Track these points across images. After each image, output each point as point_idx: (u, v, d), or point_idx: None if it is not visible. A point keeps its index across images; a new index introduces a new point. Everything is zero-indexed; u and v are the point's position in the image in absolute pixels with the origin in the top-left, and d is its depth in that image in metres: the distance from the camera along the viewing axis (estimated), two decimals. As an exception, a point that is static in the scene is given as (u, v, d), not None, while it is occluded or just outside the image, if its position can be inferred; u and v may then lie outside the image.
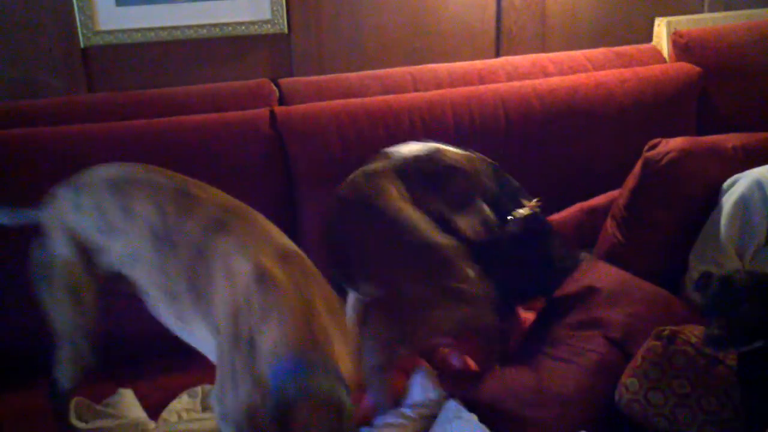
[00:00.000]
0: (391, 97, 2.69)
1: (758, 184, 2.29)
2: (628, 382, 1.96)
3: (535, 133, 2.72)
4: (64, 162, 2.41)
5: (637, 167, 2.53)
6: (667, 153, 2.47)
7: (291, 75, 2.87)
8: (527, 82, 2.79)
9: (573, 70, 2.91)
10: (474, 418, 1.96)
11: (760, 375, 1.75)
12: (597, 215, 2.67)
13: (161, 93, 2.66)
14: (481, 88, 2.74)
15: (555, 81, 2.81)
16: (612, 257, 2.53)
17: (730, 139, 2.55)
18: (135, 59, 2.76)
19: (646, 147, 2.54)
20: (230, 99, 2.65)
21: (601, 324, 2.15)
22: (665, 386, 1.91)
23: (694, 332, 1.97)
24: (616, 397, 1.99)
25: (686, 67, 2.92)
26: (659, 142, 2.53)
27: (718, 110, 2.95)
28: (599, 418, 1.99)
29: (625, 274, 2.34)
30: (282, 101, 2.71)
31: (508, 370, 2.15)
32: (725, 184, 2.38)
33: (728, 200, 2.33)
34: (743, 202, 2.29)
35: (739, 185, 2.33)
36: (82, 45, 2.69)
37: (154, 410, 2.18)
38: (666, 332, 1.97)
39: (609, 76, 2.85)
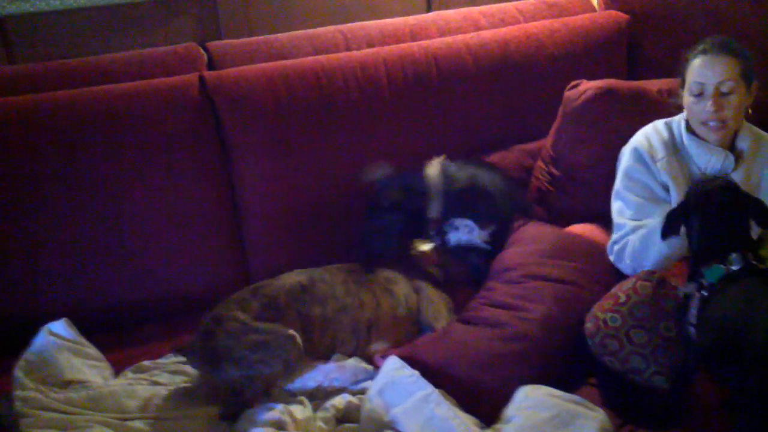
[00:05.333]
0: (323, 57, 2.64)
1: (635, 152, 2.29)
2: (608, 317, 1.97)
3: (468, 89, 2.72)
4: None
5: (561, 107, 2.57)
6: (584, 92, 2.50)
7: (219, 38, 2.80)
8: (459, 38, 2.78)
9: (505, 23, 2.90)
10: (416, 373, 1.95)
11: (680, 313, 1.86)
12: (532, 157, 2.72)
13: (85, 62, 2.56)
14: (414, 45, 2.72)
15: (486, 35, 2.80)
16: (542, 196, 2.60)
17: (656, 84, 2.60)
18: (55, 27, 2.65)
19: (568, 87, 2.58)
20: (157, 65, 2.57)
21: (546, 279, 2.19)
22: (651, 326, 1.93)
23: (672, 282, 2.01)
24: (590, 330, 1.99)
25: (614, 15, 2.94)
26: (580, 82, 2.56)
27: (648, 57, 2.98)
28: (550, 372, 2.01)
29: (560, 231, 2.37)
30: (211, 65, 2.64)
31: (456, 333, 2.16)
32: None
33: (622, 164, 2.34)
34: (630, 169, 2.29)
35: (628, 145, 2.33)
36: (-3, 14, 2.59)
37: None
38: (656, 275, 2.00)
39: (539, 27, 2.85)
